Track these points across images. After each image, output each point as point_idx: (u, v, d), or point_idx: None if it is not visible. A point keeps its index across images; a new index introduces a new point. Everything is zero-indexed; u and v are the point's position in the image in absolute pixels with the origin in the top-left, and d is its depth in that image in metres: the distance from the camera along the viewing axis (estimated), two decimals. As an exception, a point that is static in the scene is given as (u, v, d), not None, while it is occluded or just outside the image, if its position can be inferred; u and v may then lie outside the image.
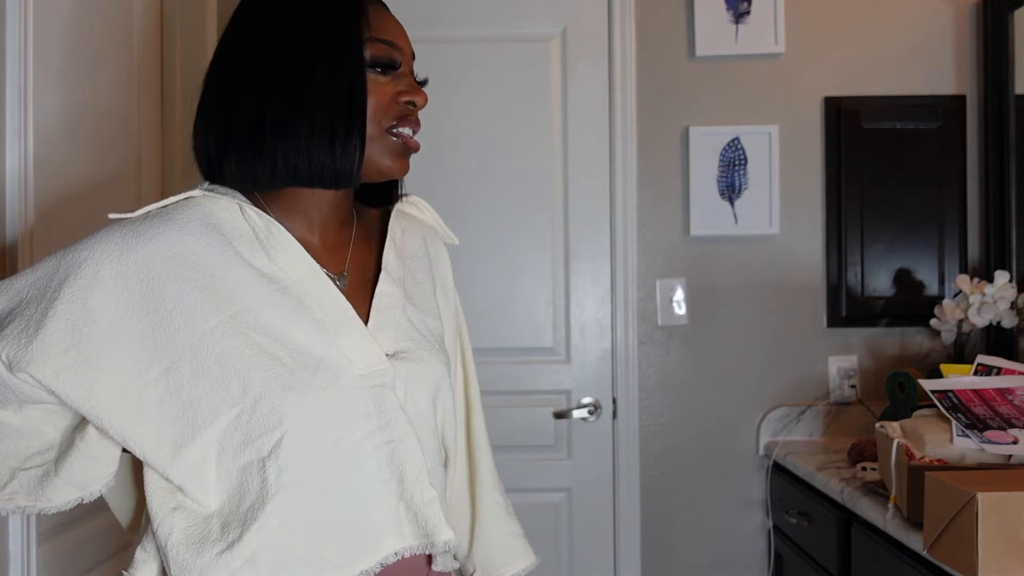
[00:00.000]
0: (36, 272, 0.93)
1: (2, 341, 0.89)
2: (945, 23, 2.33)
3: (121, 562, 1.70)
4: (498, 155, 2.31)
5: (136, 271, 0.91)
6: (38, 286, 0.92)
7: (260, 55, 0.95)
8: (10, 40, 1.29)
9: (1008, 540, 1.21)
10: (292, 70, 0.94)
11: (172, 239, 0.93)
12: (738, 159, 2.31)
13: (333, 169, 0.95)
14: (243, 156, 0.95)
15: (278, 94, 0.94)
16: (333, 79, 0.94)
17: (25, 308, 0.91)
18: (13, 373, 0.89)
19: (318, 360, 0.93)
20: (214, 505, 0.92)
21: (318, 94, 0.94)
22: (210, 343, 0.91)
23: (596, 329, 2.32)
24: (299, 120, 0.94)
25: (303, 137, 0.94)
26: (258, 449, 0.91)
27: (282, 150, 0.94)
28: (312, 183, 0.97)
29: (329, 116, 0.94)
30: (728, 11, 2.31)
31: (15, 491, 0.94)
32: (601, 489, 2.31)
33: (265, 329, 0.93)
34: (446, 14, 2.30)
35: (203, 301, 0.92)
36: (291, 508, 0.91)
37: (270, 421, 0.90)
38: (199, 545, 0.90)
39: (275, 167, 0.95)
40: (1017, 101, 2.20)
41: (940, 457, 1.54)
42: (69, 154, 1.49)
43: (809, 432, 2.31)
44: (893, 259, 2.32)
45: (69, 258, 0.92)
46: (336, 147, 0.94)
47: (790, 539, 2.15)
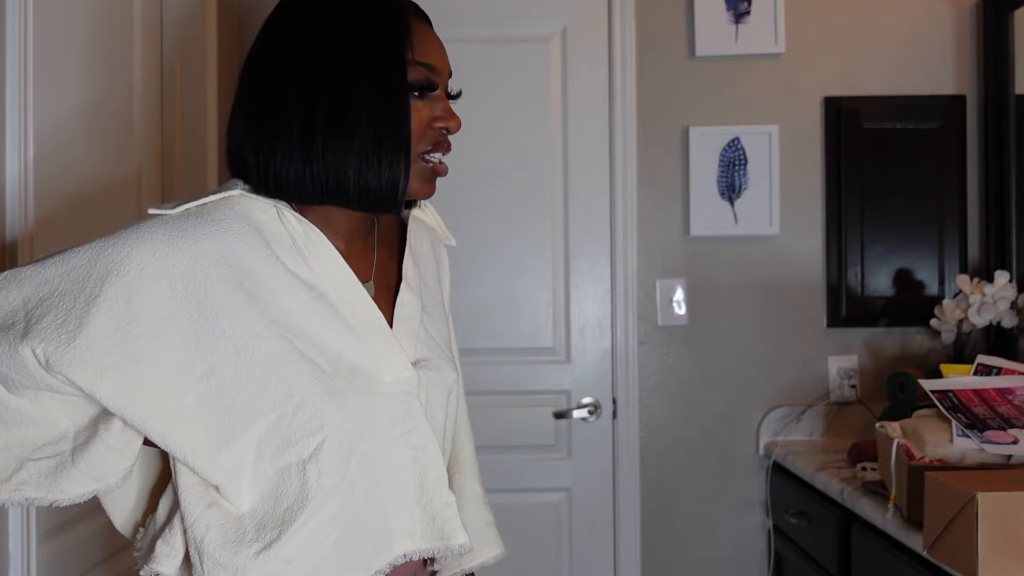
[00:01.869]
0: (68, 262, 0.90)
1: (37, 337, 0.86)
2: (945, 23, 2.33)
3: (121, 562, 1.70)
4: (498, 155, 2.31)
5: (182, 271, 0.90)
6: (73, 278, 0.89)
7: (307, 70, 0.94)
8: (10, 41, 1.29)
9: (1008, 540, 1.21)
10: (342, 91, 0.94)
11: (218, 241, 0.92)
12: (738, 159, 2.31)
13: (379, 193, 0.96)
14: (292, 168, 0.94)
15: (329, 113, 0.94)
16: (380, 105, 0.94)
17: (60, 301, 0.88)
18: (49, 372, 0.87)
19: (353, 367, 0.95)
20: (246, 506, 0.93)
21: (365, 118, 0.94)
22: (254, 347, 0.91)
23: (596, 329, 2.32)
24: (348, 141, 0.94)
25: (352, 156, 0.94)
26: (298, 452, 0.92)
27: (333, 167, 0.94)
28: (357, 205, 0.97)
29: (376, 141, 0.94)
30: (728, 11, 2.31)
31: (23, 481, 0.92)
32: (601, 489, 2.31)
33: (305, 335, 0.93)
34: (446, 14, 2.29)
35: (247, 305, 0.92)
36: (328, 511, 0.93)
37: (312, 425, 0.92)
38: (235, 544, 0.91)
39: (326, 184, 0.94)
40: (1017, 101, 2.20)
41: (940, 457, 1.54)
42: (69, 155, 1.49)
43: (809, 432, 2.31)
44: (893, 259, 2.32)
45: (109, 253, 0.90)
46: (383, 171, 0.95)
47: (790, 539, 2.15)
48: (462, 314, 2.29)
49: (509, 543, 1.25)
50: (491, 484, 1.15)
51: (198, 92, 1.93)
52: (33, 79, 1.33)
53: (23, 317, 0.88)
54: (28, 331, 0.87)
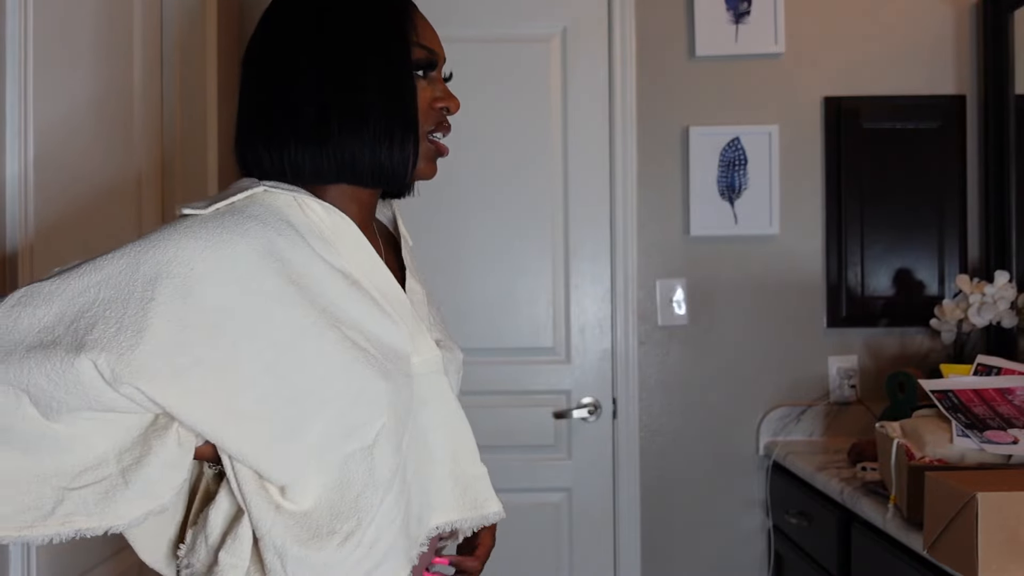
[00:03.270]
0: (101, 270, 0.86)
1: (94, 348, 0.82)
2: (945, 23, 2.33)
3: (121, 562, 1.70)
4: (498, 155, 2.31)
5: (231, 267, 0.88)
6: (114, 285, 0.85)
7: (317, 57, 0.97)
8: (10, 40, 1.29)
9: (1008, 540, 1.21)
10: (352, 73, 0.97)
11: (260, 236, 0.91)
12: (738, 159, 2.31)
13: (392, 169, 0.99)
14: (307, 150, 0.97)
15: (340, 95, 0.96)
16: (390, 85, 0.98)
17: (105, 310, 0.84)
18: (116, 386, 0.83)
19: (393, 350, 0.97)
20: (310, 501, 0.92)
21: (377, 99, 0.97)
22: (310, 337, 0.90)
23: (596, 329, 2.32)
24: (362, 120, 0.97)
25: (367, 137, 0.97)
26: (362, 438, 0.93)
27: (347, 146, 0.97)
28: (371, 182, 1.00)
29: (388, 121, 0.97)
30: (728, 11, 2.31)
31: (70, 513, 0.86)
32: (601, 489, 2.31)
33: (351, 322, 0.94)
34: (446, 14, 2.30)
35: (297, 297, 0.91)
36: (395, 492, 0.95)
37: (372, 411, 0.92)
38: (314, 540, 0.91)
39: (341, 161, 0.97)
40: (1017, 101, 2.20)
41: (940, 457, 1.54)
42: (69, 154, 1.49)
43: (809, 432, 2.31)
44: (893, 259, 2.32)
45: (151, 255, 0.86)
46: (395, 149, 0.98)
47: (790, 539, 2.15)
48: (462, 314, 2.30)
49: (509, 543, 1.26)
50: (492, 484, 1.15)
51: (198, 91, 1.93)
52: (33, 78, 1.33)
53: (65, 331, 0.83)
54: (81, 344, 0.82)
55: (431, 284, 1.22)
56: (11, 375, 0.83)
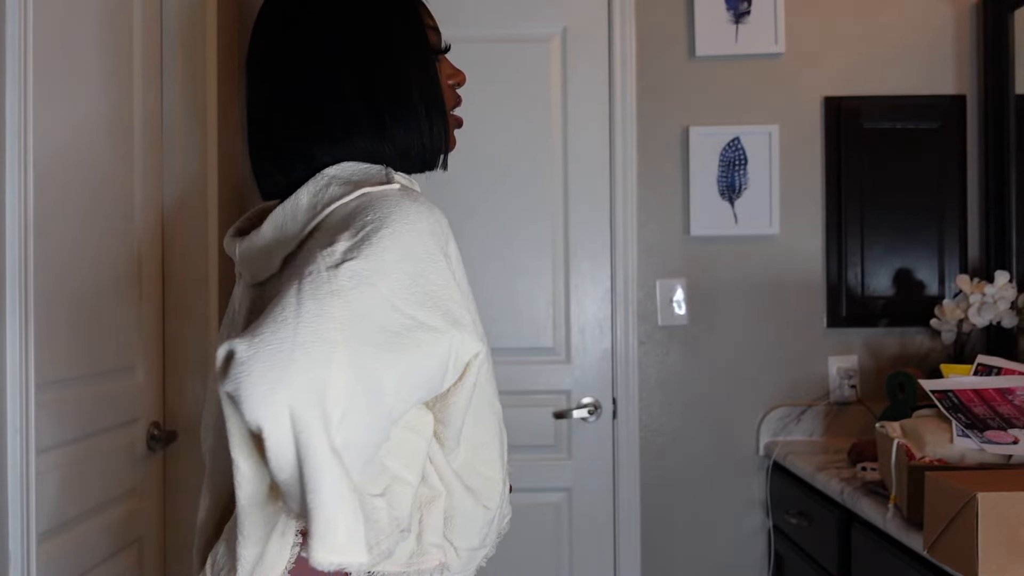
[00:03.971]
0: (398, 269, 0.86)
1: (461, 328, 0.88)
2: (945, 23, 2.33)
3: (121, 562, 1.70)
4: (498, 155, 2.30)
5: (442, 234, 0.96)
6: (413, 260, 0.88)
7: (352, 50, 0.99)
8: (10, 42, 1.29)
9: (1008, 540, 1.21)
10: (389, 63, 1.00)
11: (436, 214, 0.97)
12: (738, 159, 2.31)
13: (433, 151, 1.04)
14: (368, 141, 0.99)
15: (382, 86, 0.99)
16: (422, 70, 1.02)
17: (446, 291, 0.90)
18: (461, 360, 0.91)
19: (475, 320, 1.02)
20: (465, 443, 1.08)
21: (415, 87, 1.01)
22: (461, 284, 0.98)
23: (596, 329, 2.32)
24: (408, 109, 1.00)
25: (412, 124, 1.00)
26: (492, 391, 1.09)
27: (401, 137, 1.00)
28: (421, 166, 1.04)
29: (426, 107, 1.01)
30: (728, 11, 2.31)
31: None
32: (601, 489, 2.31)
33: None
34: (446, 14, 2.29)
35: (459, 271, 1.00)
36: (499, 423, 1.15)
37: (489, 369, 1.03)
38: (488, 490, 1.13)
39: (403, 151, 1.01)
40: (1017, 101, 2.20)
41: (940, 457, 1.54)
42: (69, 149, 1.49)
43: (809, 432, 2.31)
44: (893, 259, 2.32)
45: (418, 233, 0.90)
46: (435, 130, 1.03)
47: (790, 539, 2.15)
48: (462, 314, 2.29)
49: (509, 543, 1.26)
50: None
51: (198, 92, 1.93)
52: (33, 81, 1.33)
53: (444, 315, 0.87)
54: (455, 324, 0.87)
55: None
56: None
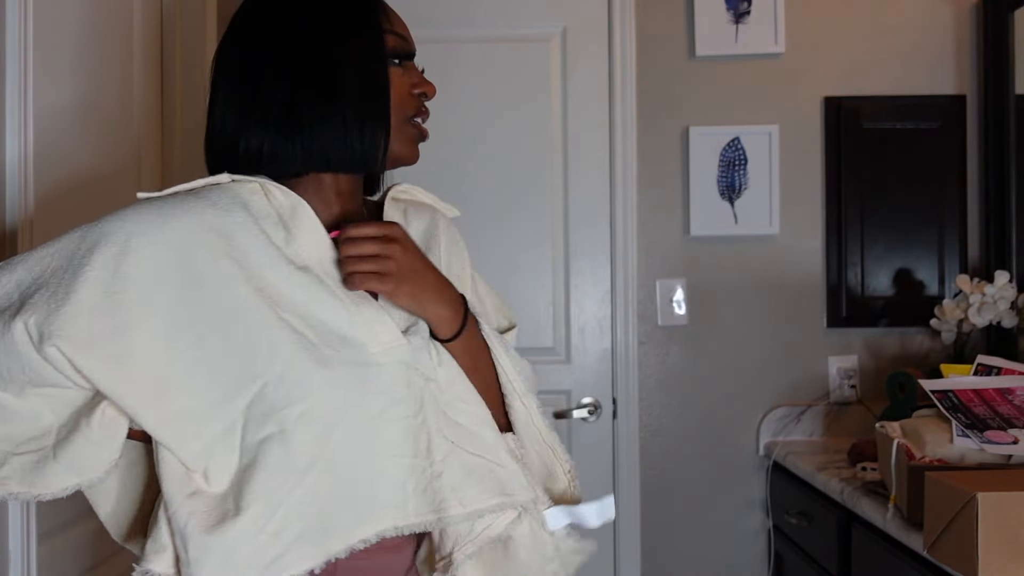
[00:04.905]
0: (58, 243, 0.92)
1: (27, 311, 0.87)
2: (945, 23, 2.33)
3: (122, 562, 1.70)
4: (498, 155, 2.30)
5: (168, 240, 0.92)
6: (63, 254, 0.91)
7: (288, 45, 0.98)
8: (10, 34, 1.29)
9: (1008, 540, 1.21)
10: (324, 59, 0.98)
11: (206, 213, 0.95)
12: (738, 159, 2.31)
13: (363, 154, 1.00)
14: (277, 139, 0.97)
15: (311, 81, 0.97)
16: (364, 69, 0.99)
17: (51, 277, 0.89)
18: (40, 347, 0.87)
19: (341, 337, 0.95)
20: (227, 482, 0.92)
21: (350, 83, 0.98)
22: (240, 314, 0.92)
23: (596, 329, 2.32)
24: (334, 107, 0.97)
25: (337, 123, 0.98)
26: (280, 421, 0.91)
27: (317, 135, 0.97)
28: (342, 168, 1.01)
29: (360, 104, 0.98)
30: (728, 11, 2.31)
31: (7, 476, 0.93)
32: (601, 489, 2.29)
33: (291, 306, 0.94)
34: (446, 14, 2.30)
35: (234, 273, 0.93)
36: (310, 481, 0.92)
37: (296, 394, 0.92)
38: (220, 524, 0.90)
39: (309, 150, 0.98)
40: (1017, 101, 2.20)
41: (940, 457, 1.54)
42: (69, 148, 1.49)
43: (809, 432, 2.31)
44: (893, 259, 2.32)
45: (97, 229, 0.92)
46: (366, 134, 0.99)
47: (790, 539, 2.15)
48: (462, 314, 2.30)
49: (509, 543, 1.25)
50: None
51: (198, 81, 1.92)
52: (33, 72, 1.33)
53: (17, 298, 0.89)
54: (21, 308, 0.88)
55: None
56: None
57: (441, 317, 1.01)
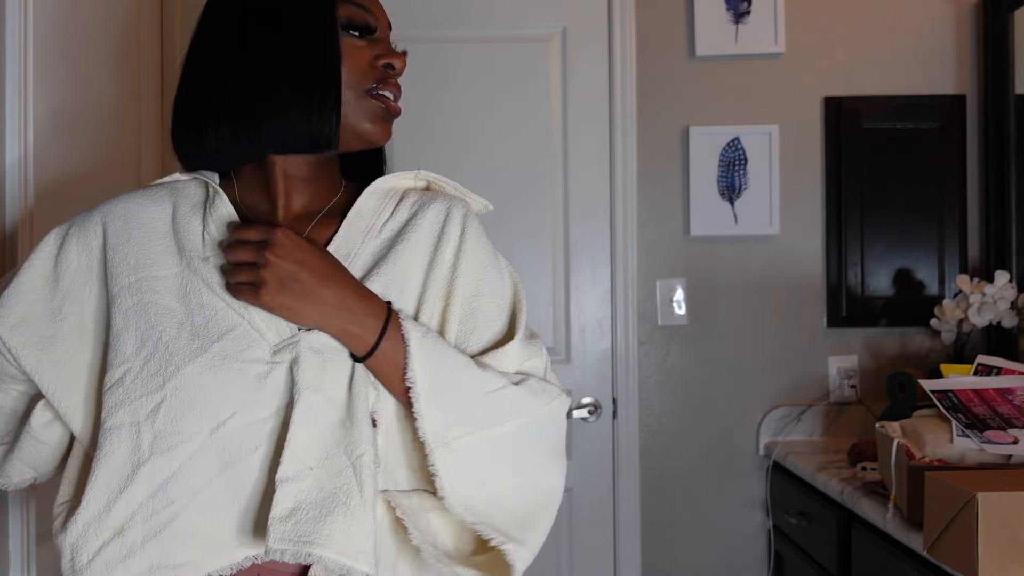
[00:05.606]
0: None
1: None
2: (945, 23, 2.33)
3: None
4: (498, 155, 2.30)
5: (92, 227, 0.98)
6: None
7: (231, 31, 0.97)
8: (10, 34, 1.29)
9: (1008, 540, 1.21)
10: (264, 39, 0.95)
11: (133, 202, 1.00)
12: (738, 159, 2.31)
13: (310, 133, 0.95)
14: (222, 130, 0.95)
15: (252, 63, 0.95)
16: (305, 42, 0.94)
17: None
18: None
19: (225, 330, 0.90)
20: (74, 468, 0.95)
21: (292, 59, 0.94)
22: (122, 299, 0.93)
23: (596, 329, 2.32)
24: (275, 87, 0.94)
25: (280, 103, 0.93)
26: (134, 411, 0.87)
27: (261, 118, 0.94)
28: (293, 149, 0.97)
29: (304, 80, 0.94)
30: (728, 11, 2.31)
31: None
32: (601, 489, 2.31)
33: (179, 295, 0.93)
34: (446, 14, 2.30)
35: (130, 259, 0.95)
36: (161, 477, 0.86)
37: (153, 384, 0.88)
38: (72, 515, 0.87)
39: (255, 136, 0.95)
40: (1017, 101, 2.20)
41: (940, 457, 1.54)
42: (69, 149, 1.49)
43: (809, 432, 2.31)
44: (893, 259, 2.32)
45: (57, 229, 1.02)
46: (312, 111, 0.94)
47: (790, 539, 2.15)
48: (462, 314, 2.30)
49: (509, 543, 1.25)
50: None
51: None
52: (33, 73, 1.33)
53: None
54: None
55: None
56: None
57: (345, 333, 0.90)
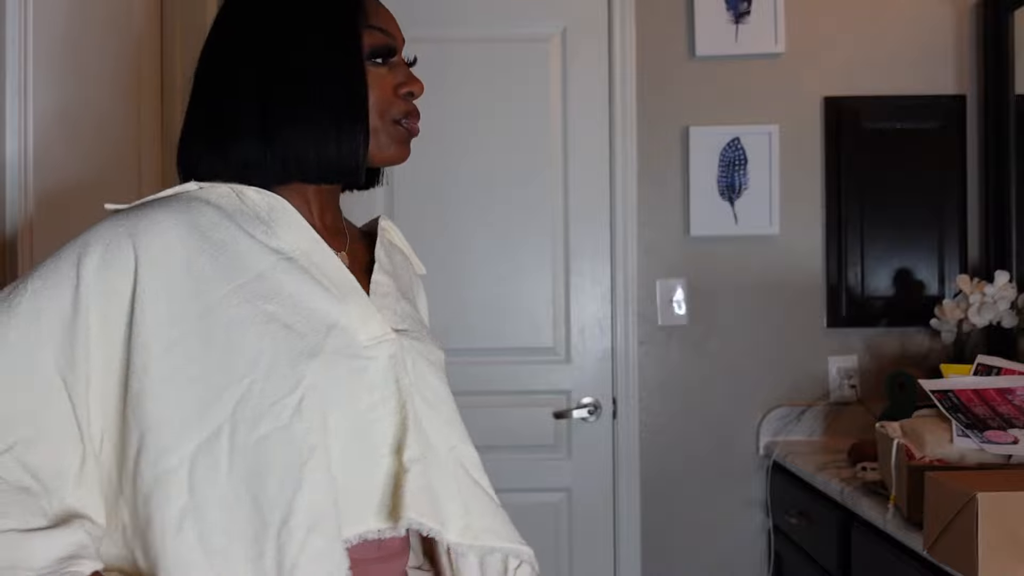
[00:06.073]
0: (44, 267, 0.90)
1: None
2: (945, 23, 2.33)
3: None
4: (498, 155, 2.30)
5: (147, 243, 0.88)
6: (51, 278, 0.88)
7: (258, 49, 0.95)
8: (10, 35, 1.29)
9: (1008, 540, 1.21)
10: (293, 64, 0.94)
11: (180, 214, 0.91)
12: (738, 159, 2.31)
13: (340, 164, 0.95)
14: (251, 148, 0.94)
15: (281, 88, 0.93)
16: (335, 74, 0.94)
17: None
18: None
19: (330, 325, 0.92)
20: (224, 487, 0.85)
21: (320, 89, 0.94)
22: (219, 313, 0.88)
23: (596, 329, 2.32)
24: (305, 115, 0.93)
25: (311, 130, 0.93)
26: (277, 417, 0.86)
27: (291, 143, 0.94)
28: (320, 179, 0.97)
29: (333, 111, 0.94)
30: (728, 11, 2.31)
31: None
32: (601, 489, 2.31)
33: (276, 297, 0.91)
34: (446, 14, 2.30)
35: (210, 271, 0.89)
36: (323, 470, 0.87)
37: (285, 387, 0.87)
38: (243, 542, 0.85)
39: (285, 159, 0.94)
40: (1017, 101, 2.20)
41: (940, 457, 1.54)
42: (69, 151, 1.49)
43: (809, 432, 2.31)
44: (893, 259, 2.32)
45: (76, 242, 0.89)
46: (342, 142, 0.94)
47: (790, 539, 2.15)
48: (462, 314, 2.30)
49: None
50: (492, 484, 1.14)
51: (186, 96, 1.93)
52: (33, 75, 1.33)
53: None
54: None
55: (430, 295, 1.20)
56: None
57: None
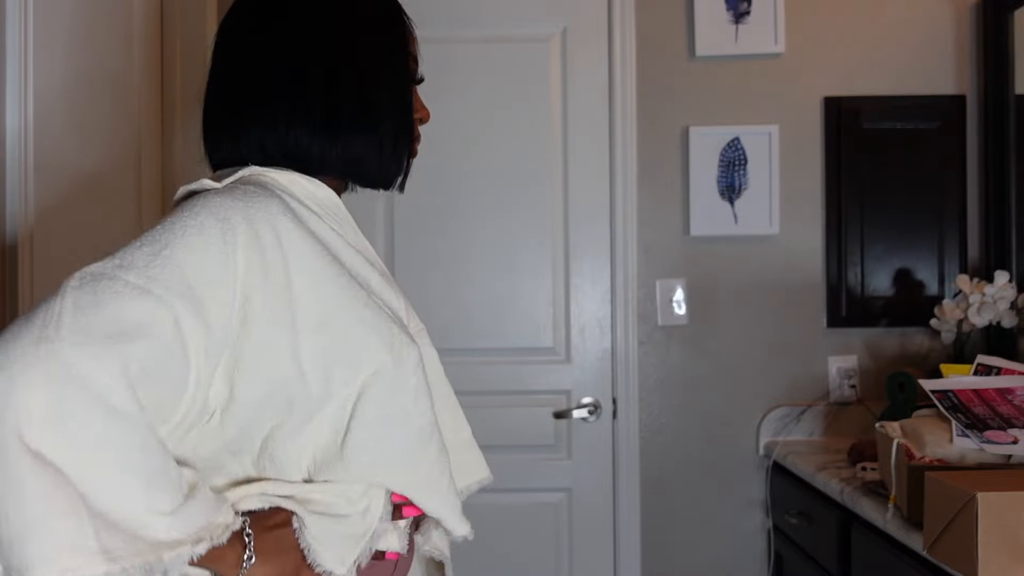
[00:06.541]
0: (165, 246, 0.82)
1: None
2: (945, 23, 2.33)
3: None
4: (498, 155, 2.30)
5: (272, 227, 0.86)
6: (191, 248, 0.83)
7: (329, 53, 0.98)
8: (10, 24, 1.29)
9: (1008, 540, 1.21)
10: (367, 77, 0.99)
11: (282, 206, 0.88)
12: (738, 159, 2.31)
13: (386, 174, 1.04)
14: (317, 140, 0.98)
15: (354, 96, 0.98)
16: (399, 93, 1.03)
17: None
18: None
19: (400, 318, 0.98)
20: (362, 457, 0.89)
21: (389, 104, 1.01)
22: (347, 300, 0.88)
23: (596, 329, 2.32)
24: (373, 125, 1.00)
25: (372, 141, 1.00)
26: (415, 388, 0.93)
27: (354, 146, 0.99)
28: (367, 180, 1.04)
29: (395, 128, 1.02)
30: (728, 11, 2.31)
31: None
32: (601, 489, 2.31)
33: (370, 287, 0.95)
34: (446, 14, 2.30)
35: (328, 262, 0.89)
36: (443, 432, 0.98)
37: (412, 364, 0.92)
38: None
39: (348, 159, 1.00)
40: (1017, 101, 2.20)
41: (940, 457, 1.54)
42: (69, 139, 1.49)
43: (809, 432, 2.31)
44: (893, 259, 2.32)
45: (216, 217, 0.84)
46: (394, 156, 1.03)
47: (790, 539, 2.15)
48: (462, 314, 2.30)
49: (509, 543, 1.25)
50: (491, 484, 1.14)
51: (198, 67, 1.92)
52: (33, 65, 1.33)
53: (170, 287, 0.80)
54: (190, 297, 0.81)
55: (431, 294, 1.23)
56: None
57: None
